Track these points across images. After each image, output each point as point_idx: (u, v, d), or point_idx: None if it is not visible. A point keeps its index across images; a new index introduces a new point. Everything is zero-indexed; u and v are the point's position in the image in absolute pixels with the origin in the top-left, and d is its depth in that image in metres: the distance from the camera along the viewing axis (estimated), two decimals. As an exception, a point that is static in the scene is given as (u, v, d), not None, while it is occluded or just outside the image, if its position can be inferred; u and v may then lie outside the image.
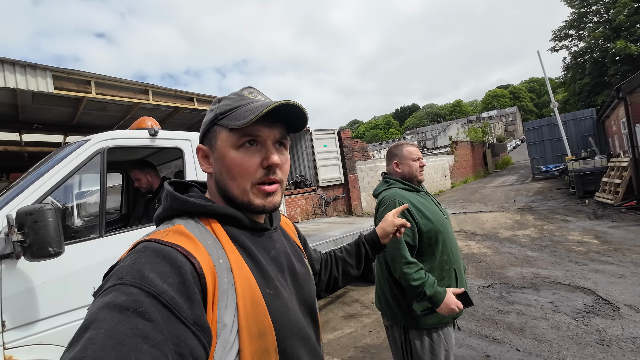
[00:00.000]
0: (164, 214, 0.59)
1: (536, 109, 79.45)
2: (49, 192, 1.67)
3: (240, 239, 0.58)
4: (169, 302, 0.42)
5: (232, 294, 0.51)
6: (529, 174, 17.59)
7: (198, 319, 0.45)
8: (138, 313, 0.40)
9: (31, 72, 5.09)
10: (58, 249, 1.40)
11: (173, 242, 0.49)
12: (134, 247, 0.50)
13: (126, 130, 2.11)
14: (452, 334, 1.51)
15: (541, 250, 5.08)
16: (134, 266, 0.44)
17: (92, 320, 0.38)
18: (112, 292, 0.42)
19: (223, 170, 0.60)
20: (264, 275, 0.57)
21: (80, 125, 8.09)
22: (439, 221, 1.50)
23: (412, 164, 1.60)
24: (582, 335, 2.68)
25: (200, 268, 0.48)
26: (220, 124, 0.60)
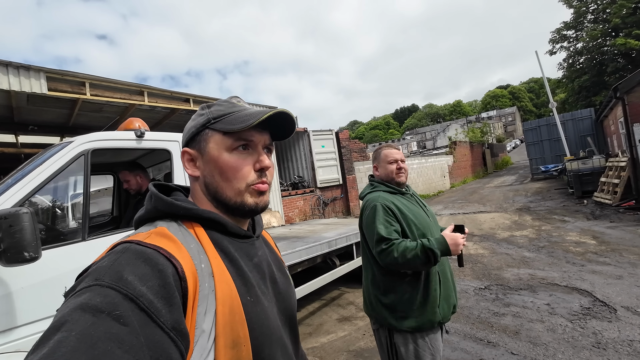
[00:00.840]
0: (146, 216, 0.58)
1: (535, 109, 79.51)
2: (29, 195, 1.64)
3: (223, 244, 0.57)
4: (147, 305, 0.41)
5: (212, 299, 0.50)
6: (527, 174, 17.56)
7: (177, 324, 0.43)
8: (113, 316, 0.38)
9: (25, 73, 5.06)
10: (34, 254, 1.36)
11: (155, 244, 0.48)
12: (112, 248, 0.48)
13: (111, 132, 2.07)
14: (438, 338, 1.48)
15: (538, 251, 5.04)
16: (113, 267, 0.43)
17: (63, 322, 0.37)
18: (87, 292, 0.40)
19: (216, 172, 0.60)
20: (245, 282, 0.56)
21: (77, 126, 8.06)
22: (422, 224, 1.50)
23: (387, 166, 1.61)
24: (578, 338, 2.64)
25: (183, 271, 0.47)
26: (213, 128, 0.61)
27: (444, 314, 1.46)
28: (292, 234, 4.31)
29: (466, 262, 4.94)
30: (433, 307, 1.43)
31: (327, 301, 4.12)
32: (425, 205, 1.65)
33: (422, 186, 15.54)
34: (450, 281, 1.54)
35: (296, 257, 3.16)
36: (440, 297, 1.46)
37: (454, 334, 2.93)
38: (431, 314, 1.43)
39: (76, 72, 5.81)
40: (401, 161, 1.61)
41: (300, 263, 3.44)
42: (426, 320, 1.42)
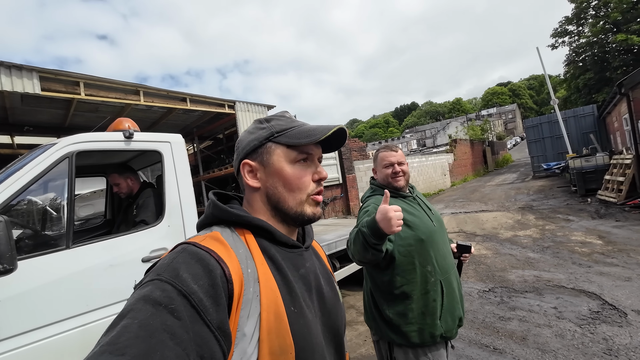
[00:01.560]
0: (205, 221, 0.63)
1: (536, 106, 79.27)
2: (8, 201, 1.53)
3: (270, 252, 0.59)
4: (197, 303, 0.45)
5: (256, 304, 0.51)
6: (529, 172, 17.44)
7: (222, 324, 0.46)
8: (169, 309, 0.42)
9: (17, 73, 4.94)
10: (9, 265, 1.27)
11: (208, 246, 0.52)
12: (174, 249, 0.53)
13: (98, 133, 1.96)
14: (442, 355, 1.37)
15: (543, 251, 4.94)
16: (171, 264, 0.48)
17: (130, 310, 0.42)
18: (149, 285, 0.45)
19: (279, 183, 0.64)
20: (290, 292, 0.57)
21: (73, 127, 7.95)
22: (422, 229, 1.39)
23: (383, 171, 1.52)
24: (588, 344, 2.54)
25: (230, 274, 0.50)
26: (276, 141, 0.64)
27: (447, 327, 1.35)
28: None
29: (469, 263, 4.84)
30: (434, 320, 1.33)
31: (328, 304, 4.02)
32: (431, 209, 1.54)
33: (423, 185, 15.43)
34: (456, 291, 1.43)
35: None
36: (442, 308, 1.35)
37: (458, 339, 2.83)
38: (431, 326, 1.32)
39: (70, 71, 5.69)
40: (398, 164, 1.50)
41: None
42: (427, 334, 1.32)
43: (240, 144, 0.68)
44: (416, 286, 1.34)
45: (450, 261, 1.46)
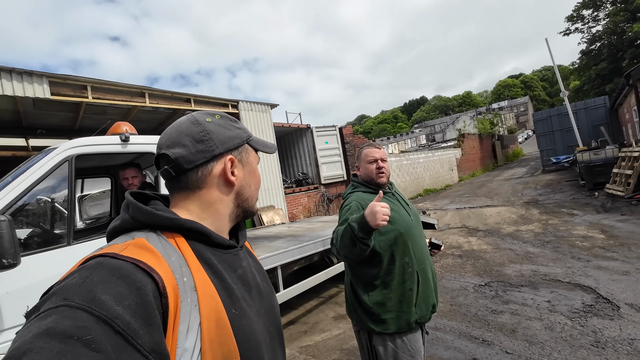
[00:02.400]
0: (122, 226, 0.55)
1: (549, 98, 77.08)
2: (13, 202, 1.68)
3: (206, 255, 0.55)
4: (123, 328, 0.38)
5: (195, 314, 0.47)
6: (539, 166, 17.10)
7: (156, 346, 0.41)
8: (84, 342, 0.35)
9: (28, 78, 5.18)
10: (13, 260, 1.40)
11: (133, 256, 0.45)
12: (84, 263, 0.45)
13: (96, 137, 2.10)
14: (419, 339, 1.46)
15: (543, 246, 4.91)
16: (84, 285, 0.39)
17: (25, 351, 0.33)
18: (54, 314, 0.36)
19: (253, 182, 0.69)
20: (230, 295, 0.55)
21: (83, 129, 8.25)
22: (401, 223, 1.46)
23: (367, 166, 1.57)
24: (577, 336, 2.57)
25: (164, 286, 0.45)
26: (251, 144, 0.69)
27: (422, 314, 1.44)
28: (288, 233, 4.32)
29: (468, 258, 4.87)
30: (409, 307, 1.41)
31: (325, 299, 4.13)
32: (408, 204, 1.62)
33: (429, 180, 15.33)
34: (430, 281, 1.51)
35: (288, 257, 3.16)
36: (417, 296, 1.44)
37: (448, 332, 2.90)
38: (407, 313, 1.41)
39: (77, 76, 5.92)
40: (382, 160, 1.57)
41: (295, 261, 3.45)
42: (403, 321, 1.41)
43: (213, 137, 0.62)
44: (395, 276, 1.42)
45: (425, 253, 1.55)
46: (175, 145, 0.60)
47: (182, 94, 7.59)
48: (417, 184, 14.52)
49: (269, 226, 5.73)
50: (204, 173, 0.61)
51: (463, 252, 5.26)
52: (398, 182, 13.32)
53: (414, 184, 14.26)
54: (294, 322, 3.57)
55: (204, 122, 0.63)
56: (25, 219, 1.88)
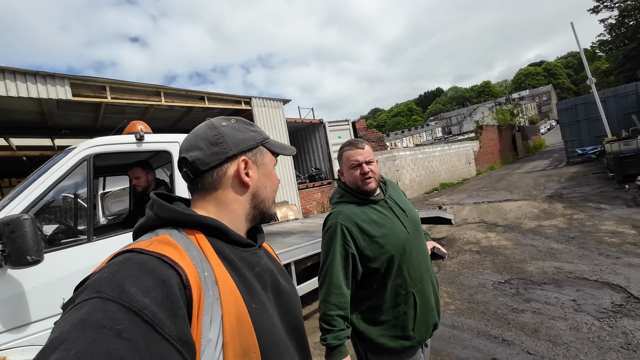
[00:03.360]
0: (148, 224, 0.58)
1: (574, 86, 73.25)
2: (36, 201, 1.74)
3: (225, 252, 0.58)
4: (150, 318, 0.40)
5: (217, 307, 0.49)
6: (562, 158, 16.32)
7: (183, 335, 0.43)
8: (115, 332, 0.37)
9: (51, 81, 5.39)
10: (36, 257, 1.45)
11: (158, 251, 0.48)
12: (113, 258, 0.48)
13: (113, 136, 2.14)
14: (419, 357, 1.32)
15: (568, 242, 4.69)
16: (114, 279, 0.42)
17: (63, 340, 0.36)
18: (87, 305, 0.39)
19: (268, 184, 0.69)
20: (249, 290, 0.56)
21: (103, 128, 8.55)
22: (393, 242, 1.26)
23: (351, 172, 1.33)
24: (605, 338, 2.44)
25: (187, 279, 0.47)
26: (267, 147, 0.70)
27: (421, 337, 1.29)
28: (302, 228, 4.33)
29: (486, 254, 4.72)
30: (405, 332, 1.26)
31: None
32: (404, 210, 1.38)
33: (445, 174, 14.97)
34: (430, 299, 1.33)
35: (302, 253, 3.16)
36: (414, 320, 1.27)
37: (466, 330, 2.82)
38: (404, 338, 1.26)
39: (97, 77, 6.11)
40: (367, 163, 1.31)
41: (309, 257, 3.44)
42: (398, 345, 1.26)
43: (227, 139, 0.64)
44: (386, 300, 1.27)
45: (425, 266, 1.36)
46: (193, 149, 0.63)
47: (196, 92, 7.70)
48: (433, 178, 14.21)
49: (283, 222, 5.76)
50: (219, 174, 0.63)
51: (481, 248, 5.11)
52: (413, 177, 13.08)
53: (429, 178, 13.97)
54: (308, 318, 3.59)
55: (219, 125, 0.66)
56: (47, 217, 1.95)
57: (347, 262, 1.24)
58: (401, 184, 12.42)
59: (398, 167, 12.38)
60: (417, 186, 13.19)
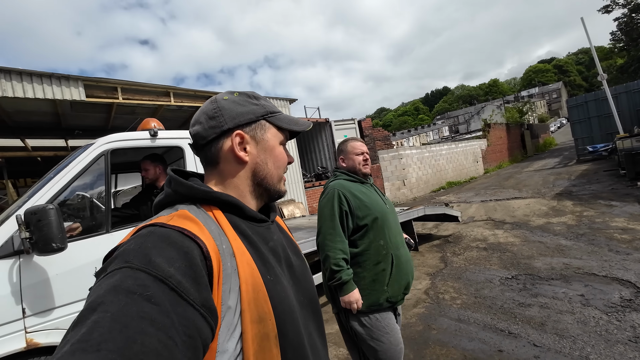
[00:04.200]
0: (166, 200, 0.60)
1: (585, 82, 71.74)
2: (59, 192, 1.84)
3: (241, 227, 0.60)
4: (176, 285, 0.43)
5: (235, 278, 0.52)
6: (573, 156, 16.04)
7: (205, 301, 0.46)
8: (145, 297, 0.40)
9: (65, 82, 5.56)
10: (61, 245, 1.54)
11: (179, 225, 0.50)
12: (137, 232, 0.50)
13: (128, 133, 2.24)
14: (392, 318, 1.56)
15: (577, 238, 4.65)
16: (140, 250, 0.45)
17: (99, 303, 0.39)
18: (118, 274, 0.42)
19: (270, 160, 0.67)
20: (264, 263, 0.59)
21: (115, 128, 8.76)
22: (377, 209, 1.59)
23: (355, 157, 1.71)
24: (613, 331, 2.44)
25: (207, 250, 0.49)
26: (270, 121, 0.68)
27: (393, 293, 1.53)
28: (309, 224, 4.39)
29: (493, 251, 4.71)
30: (381, 286, 1.52)
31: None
32: (384, 196, 1.76)
33: (452, 173, 14.86)
34: (404, 265, 1.60)
35: (309, 247, 3.22)
36: (390, 276, 1.53)
37: (472, 323, 2.84)
38: (379, 292, 1.51)
39: (108, 78, 6.28)
40: (366, 153, 1.73)
41: (316, 252, 3.50)
42: (374, 299, 1.50)
43: (224, 112, 0.64)
44: (369, 257, 1.54)
45: (400, 240, 1.67)
46: (195, 124, 0.65)
47: (204, 92, 7.83)
48: (440, 176, 14.13)
49: (290, 219, 5.83)
50: (217, 148, 0.64)
51: (488, 244, 5.10)
52: (419, 175, 13.03)
53: (436, 177, 13.89)
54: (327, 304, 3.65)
55: (221, 100, 0.66)
56: (69, 209, 2.05)
57: (342, 218, 1.53)
58: (407, 182, 12.39)
59: (404, 166, 12.35)
60: (423, 185, 13.14)
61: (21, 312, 1.62)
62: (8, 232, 1.64)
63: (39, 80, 5.33)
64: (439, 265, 4.55)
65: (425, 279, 4.15)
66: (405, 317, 3.19)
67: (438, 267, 4.48)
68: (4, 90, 5.00)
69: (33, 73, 5.28)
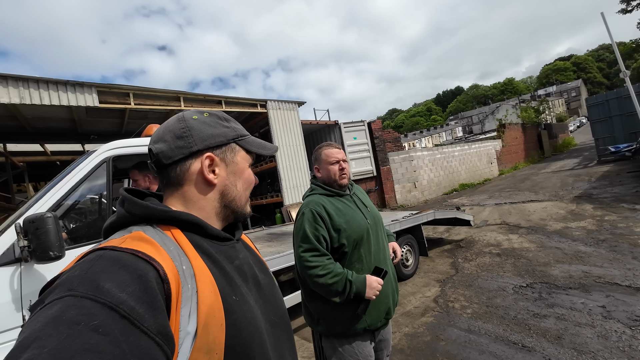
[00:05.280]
0: (119, 221, 0.56)
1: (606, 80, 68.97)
2: (60, 200, 1.86)
3: (203, 246, 0.57)
4: (128, 312, 0.39)
5: (195, 301, 0.49)
6: (593, 157, 15.38)
7: (162, 328, 0.42)
8: (91, 327, 0.36)
9: (80, 89, 5.73)
10: (58, 253, 1.55)
11: (132, 247, 0.47)
12: (83, 257, 0.46)
13: (130, 139, 2.25)
14: (367, 345, 1.43)
15: (597, 244, 4.41)
16: (87, 276, 0.41)
17: (34, 338, 0.34)
18: (59, 304, 0.38)
19: (239, 182, 0.67)
20: (229, 282, 0.56)
21: (128, 133, 8.99)
22: (355, 228, 1.42)
23: (329, 167, 1.52)
24: (638, 347, 2.27)
25: (165, 273, 0.46)
26: (241, 144, 0.67)
27: (372, 320, 1.39)
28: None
29: (507, 257, 4.53)
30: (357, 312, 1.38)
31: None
32: (367, 206, 1.58)
33: (465, 175, 14.51)
34: (385, 287, 1.42)
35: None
36: (367, 303, 1.38)
37: (483, 335, 2.72)
38: (355, 318, 1.37)
39: (121, 84, 6.44)
40: (343, 161, 1.53)
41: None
42: (350, 327, 1.37)
43: (193, 133, 0.61)
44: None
45: (383, 256, 1.50)
46: (159, 141, 0.62)
47: (213, 96, 7.93)
48: (452, 178, 13.81)
49: (297, 223, 5.79)
50: (182, 170, 0.61)
51: (502, 250, 4.90)
52: (431, 177, 12.78)
53: (448, 179, 13.59)
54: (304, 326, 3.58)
55: (190, 119, 0.63)
56: (69, 216, 2.07)
57: (319, 239, 1.38)
58: (418, 184, 12.17)
59: (415, 168, 12.14)
60: (435, 187, 12.87)
61: (22, 320, 1.64)
62: (10, 240, 1.66)
63: (54, 87, 5.52)
64: (449, 272, 4.41)
65: (434, 285, 4.02)
66: (413, 326, 3.08)
67: (448, 274, 4.34)
68: (22, 97, 5.20)
69: (49, 80, 5.47)
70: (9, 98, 5.08)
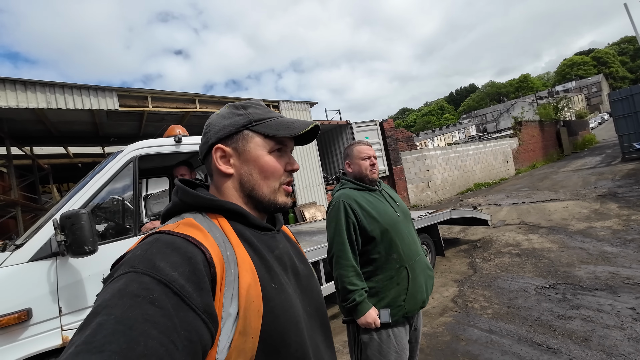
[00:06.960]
0: (173, 209, 0.63)
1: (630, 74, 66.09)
2: (91, 198, 1.94)
3: (245, 234, 0.60)
4: (179, 289, 0.44)
5: (236, 285, 0.52)
6: (617, 154, 14.76)
7: (207, 307, 0.46)
8: (149, 300, 0.41)
9: (101, 94, 5.95)
10: (92, 248, 1.62)
11: (184, 232, 0.52)
12: (144, 239, 0.52)
13: (155, 139, 2.33)
14: (404, 335, 1.47)
15: (624, 245, 4.24)
16: (145, 256, 0.46)
17: (104, 306, 0.40)
18: (124, 279, 0.43)
19: (255, 171, 0.65)
20: (268, 270, 0.59)
21: (146, 135, 9.25)
22: (387, 220, 1.49)
23: (361, 163, 1.60)
24: (672, 350, 2.17)
25: (211, 257, 0.50)
26: (254, 130, 0.65)
27: (410, 307, 1.45)
28: (331, 228, 4.34)
29: (528, 257, 4.41)
30: (397, 302, 1.43)
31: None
32: (396, 201, 1.64)
33: (480, 174, 14.20)
34: (420, 277, 1.50)
35: (330, 251, 3.18)
36: (407, 292, 1.44)
37: (505, 335, 2.66)
38: (395, 308, 1.43)
39: (139, 88, 6.64)
40: (374, 157, 1.62)
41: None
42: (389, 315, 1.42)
43: (211, 128, 0.67)
44: (381, 272, 1.45)
45: (415, 249, 1.54)
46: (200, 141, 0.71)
47: (228, 98, 8.06)
48: (467, 178, 13.55)
49: (311, 222, 5.82)
50: (208, 163, 0.67)
51: (522, 250, 4.78)
52: (445, 177, 12.57)
53: (462, 178, 13.33)
54: (337, 317, 3.58)
55: (214, 115, 0.69)
56: (100, 214, 2.15)
57: (350, 232, 1.44)
58: (432, 184, 12.00)
59: (429, 167, 11.97)
60: (449, 186, 12.65)
61: (58, 311, 1.72)
62: (47, 235, 1.75)
63: (78, 92, 5.74)
64: (467, 272, 4.33)
65: (452, 285, 3.96)
66: (432, 326, 3.05)
67: (466, 274, 4.26)
68: (48, 102, 5.44)
69: (73, 86, 5.70)
70: (37, 103, 5.33)
